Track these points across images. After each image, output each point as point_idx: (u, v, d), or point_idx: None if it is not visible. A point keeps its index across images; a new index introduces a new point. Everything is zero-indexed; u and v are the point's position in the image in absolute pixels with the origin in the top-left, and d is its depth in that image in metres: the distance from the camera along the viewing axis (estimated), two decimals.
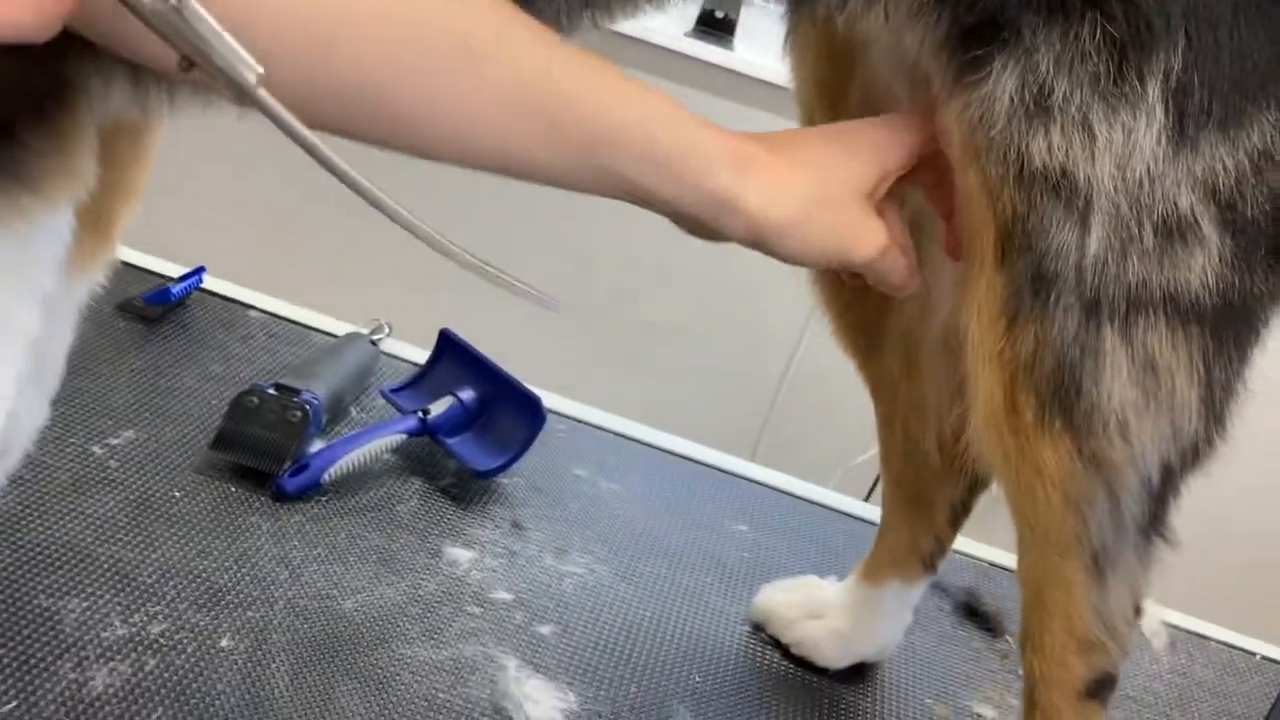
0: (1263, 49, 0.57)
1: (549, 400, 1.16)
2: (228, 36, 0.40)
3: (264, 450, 0.92)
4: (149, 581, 0.78)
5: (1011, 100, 0.57)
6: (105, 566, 0.78)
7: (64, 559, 0.78)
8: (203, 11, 0.40)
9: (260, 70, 0.41)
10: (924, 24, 0.59)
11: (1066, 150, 0.57)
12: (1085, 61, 0.56)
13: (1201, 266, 0.59)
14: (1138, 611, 0.68)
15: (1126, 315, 0.59)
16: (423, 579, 0.87)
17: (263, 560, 0.84)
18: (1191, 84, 0.56)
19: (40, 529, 0.80)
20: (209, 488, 0.90)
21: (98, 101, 0.50)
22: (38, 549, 0.78)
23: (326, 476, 0.93)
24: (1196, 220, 0.58)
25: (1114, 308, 0.59)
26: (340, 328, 1.18)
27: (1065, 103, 0.57)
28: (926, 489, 0.87)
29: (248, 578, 0.82)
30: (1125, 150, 0.57)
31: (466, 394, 1.01)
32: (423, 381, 1.06)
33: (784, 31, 0.77)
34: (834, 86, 0.77)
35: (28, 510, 0.81)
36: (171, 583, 0.79)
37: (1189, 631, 1.10)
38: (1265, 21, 0.57)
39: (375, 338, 1.13)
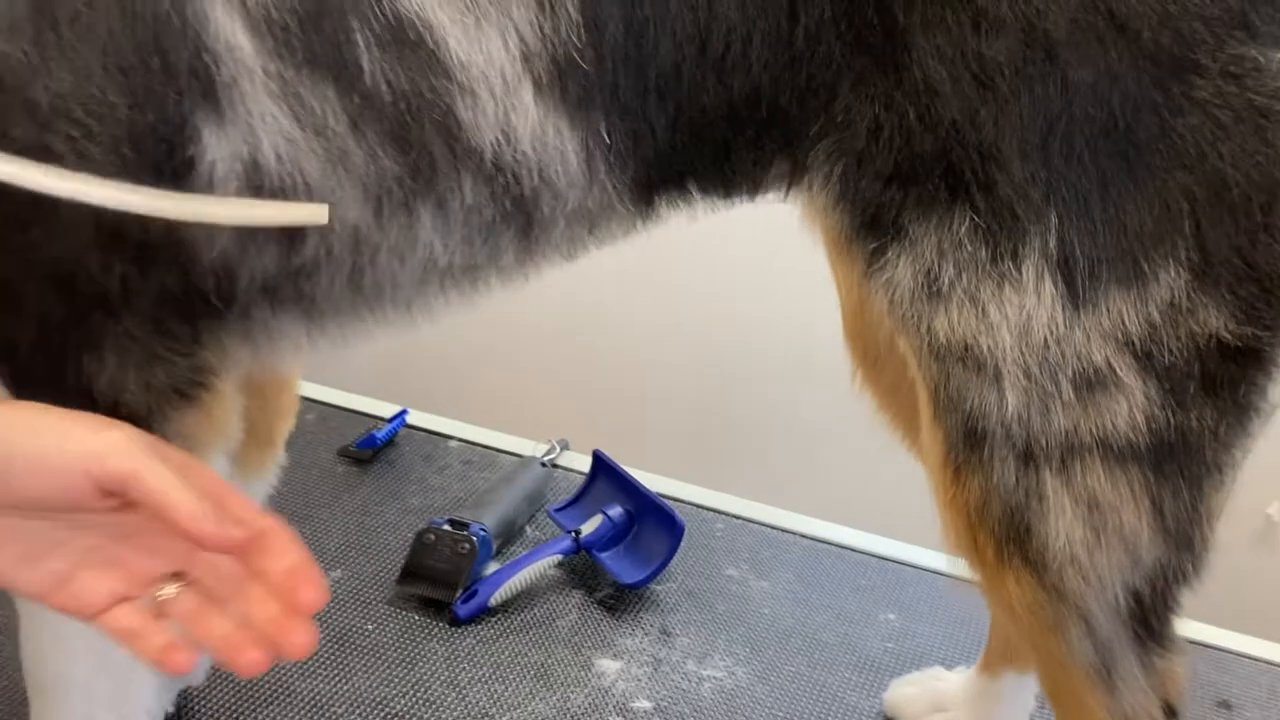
0: (1148, 211, 0.59)
1: (707, 498, 1.25)
2: None
3: (440, 580, 1.06)
4: (339, 713, 0.94)
5: (910, 285, 0.63)
6: (304, 701, 0.94)
7: (273, 696, 0.94)
8: None
9: None
10: (835, 219, 0.66)
11: (964, 326, 0.62)
12: (961, 248, 0.62)
13: (1128, 411, 0.62)
14: (1171, 712, 0.69)
15: (1063, 460, 0.63)
16: (572, 692, 0.98)
17: (435, 684, 0.97)
18: (1074, 254, 0.60)
19: None
20: (396, 618, 1.05)
21: (232, 376, 0.66)
22: (252, 688, 0.95)
23: (494, 599, 1.05)
24: (1114, 370, 0.61)
25: (1048, 455, 0.63)
26: (526, 446, 1.31)
27: (952, 285, 0.62)
28: None
29: (420, 701, 0.95)
30: (1020, 320, 0.61)
31: (615, 511, 1.11)
32: (582, 500, 1.17)
33: None
34: None
35: None
36: (357, 713, 0.94)
37: None
38: (1141, 190, 0.59)
39: (547, 458, 1.26)
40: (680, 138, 0.64)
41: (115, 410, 0.62)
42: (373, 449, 1.29)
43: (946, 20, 0.59)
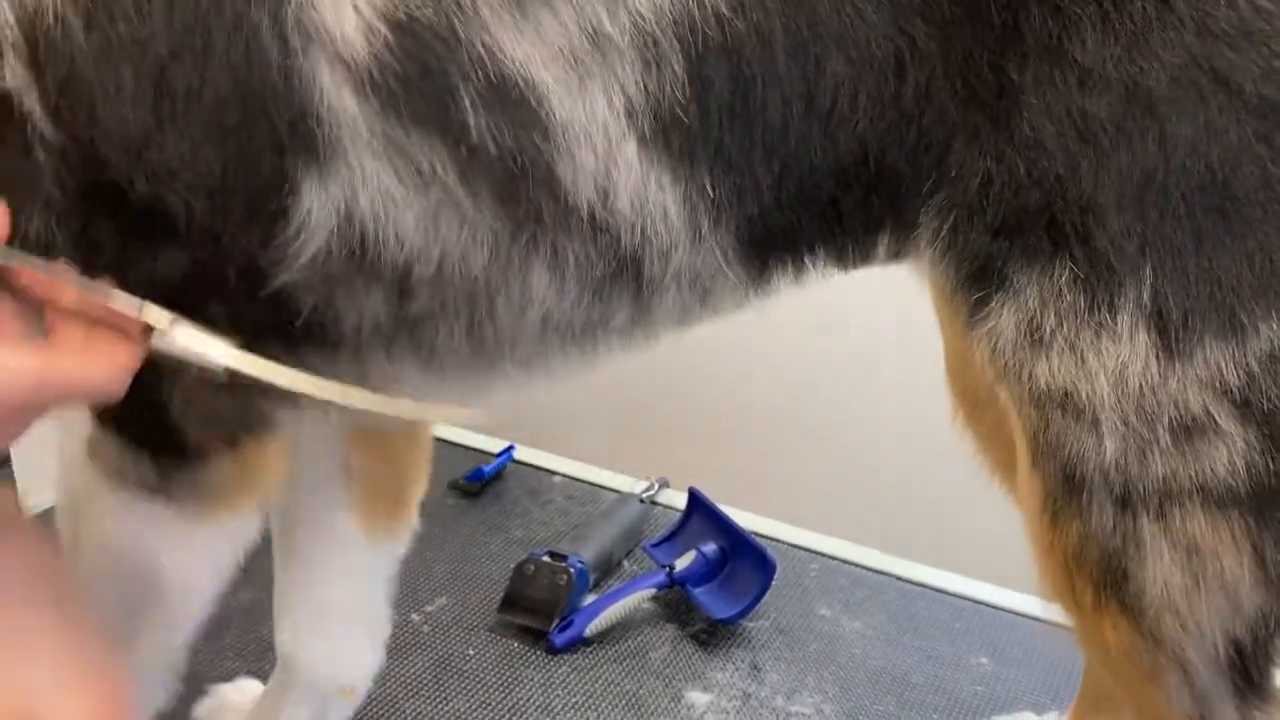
0: (1247, 265, 0.60)
1: (803, 538, 1.27)
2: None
3: (538, 610, 1.10)
4: None
5: (1013, 334, 0.65)
6: None
7: (380, 714, 0.99)
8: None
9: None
10: (943, 271, 0.67)
11: (1065, 373, 0.63)
12: (1061, 299, 0.63)
13: (1227, 457, 0.62)
14: None
15: (1160, 506, 0.63)
16: None
17: (530, 710, 1.01)
18: (1168, 306, 0.61)
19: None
20: (496, 645, 1.09)
21: (289, 430, 0.70)
22: (362, 706, 1.00)
23: (590, 629, 1.09)
24: (1213, 418, 0.62)
25: (1146, 500, 0.63)
26: (626, 483, 1.35)
27: (1054, 334, 0.63)
28: None
29: None
30: (1116, 368, 0.62)
31: (708, 547, 1.14)
32: (678, 536, 1.20)
33: None
34: None
35: None
36: None
37: None
38: (1241, 243, 0.60)
39: (645, 495, 1.29)
40: (786, 196, 0.65)
41: (183, 442, 0.66)
42: (480, 482, 1.34)
43: (1055, 78, 0.62)
